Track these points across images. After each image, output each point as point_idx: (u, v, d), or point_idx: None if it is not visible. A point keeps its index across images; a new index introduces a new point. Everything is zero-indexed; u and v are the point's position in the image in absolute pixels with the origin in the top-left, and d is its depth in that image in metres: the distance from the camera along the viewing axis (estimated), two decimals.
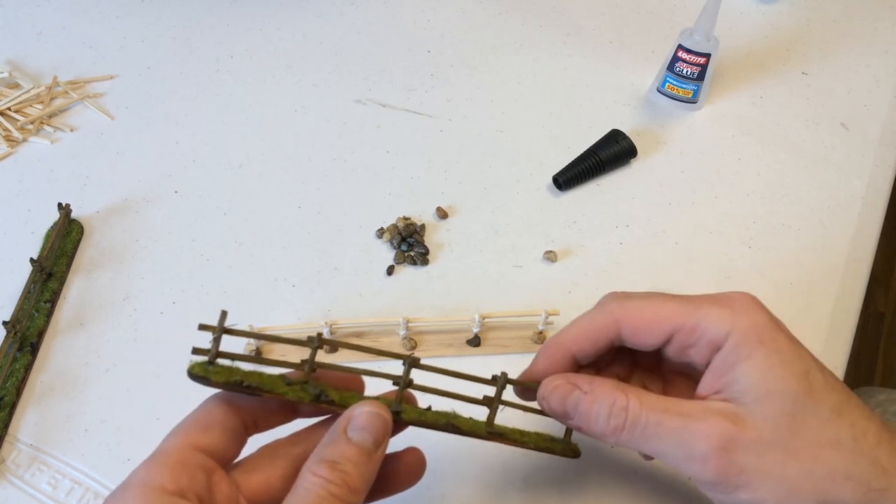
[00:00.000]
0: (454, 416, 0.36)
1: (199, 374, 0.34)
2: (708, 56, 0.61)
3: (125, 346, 0.47)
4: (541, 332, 0.48)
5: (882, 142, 0.64)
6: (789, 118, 0.65)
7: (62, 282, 0.50)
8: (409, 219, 0.54)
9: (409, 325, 0.47)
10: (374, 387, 0.35)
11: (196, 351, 0.33)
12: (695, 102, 0.64)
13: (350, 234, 0.54)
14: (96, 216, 0.54)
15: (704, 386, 0.33)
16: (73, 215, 0.53)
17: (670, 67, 0.63)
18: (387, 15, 0.73)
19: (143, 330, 0.48)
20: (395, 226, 0.54)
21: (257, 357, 0.33)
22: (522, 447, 0.37)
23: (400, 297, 0.50)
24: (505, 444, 0.36)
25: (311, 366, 0.33)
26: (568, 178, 0.57)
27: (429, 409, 0.36)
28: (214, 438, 0.32)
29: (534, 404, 0.37)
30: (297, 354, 0.47)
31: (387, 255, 0.53)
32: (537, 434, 0.37)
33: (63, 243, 0.51)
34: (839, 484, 0.30)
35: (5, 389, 0.44)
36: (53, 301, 0.48)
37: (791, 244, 0.55)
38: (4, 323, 0.45)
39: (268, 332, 0.35)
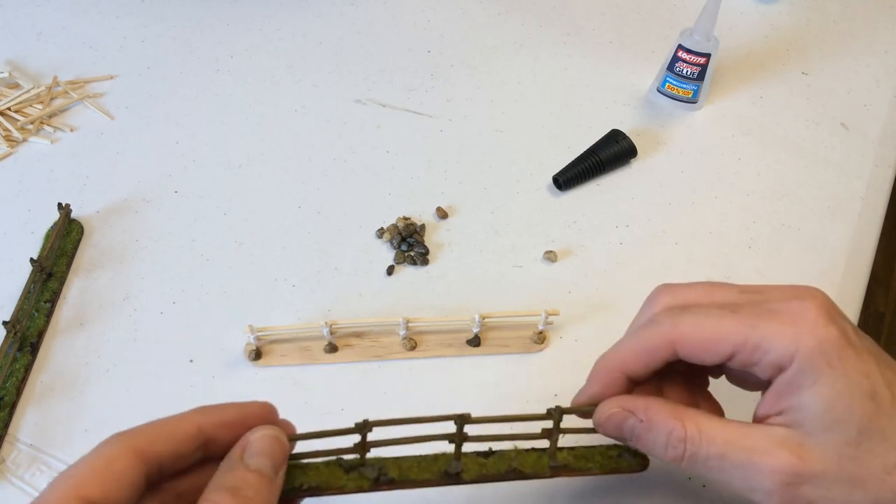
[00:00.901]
0: (514, 457, 0.35)
1: None
2: (708, 56, 0.61)
3: (125, 346, 0.47)
4: (541, 332, 0.48)
5: (882, 142, 0.64)
6: (789, 118, 0.65)
7: (62, 282, 0.50)
8: (409, 219, 0.54)
9: (409, 325, 0.47)
10: (429, 447, 0.34)
11: None
12: (695, 102, 0.64)
13: (350, 234, 0.54)
14: (96, 216, 0.54)
15: (765, 406, 0.32)
16: (73, 215, 0.53)
17: (670, 67, 0.63)
18: (387, 15, 0.73)
19: (143, 330, 0.48)
20: (395, 226, 0.54)
21: (302, 454, 0.33)
22: (589, 475, 0.36)
23: (400, 297, 0.50)
24: (570, 475, 0.36)
25: (363, 448, 0.33)
26: (568, 178, 0.57)
27: (489, 452, 0.35)
28: (111, 492, 0.27)
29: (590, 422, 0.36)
30: (299, 355, 0.47)
31: (387, 255, 0.53)
32: (601, 453, 0.36)
33: (63, 243, 0.51)
34: None
35: (5, 389, 0.44)
36: (53, 301, 0.48)
37: (791, 244, 0.55)
38: (4, 323, 0.45)
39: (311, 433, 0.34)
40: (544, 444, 0.36)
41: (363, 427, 0.32)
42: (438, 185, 0.58)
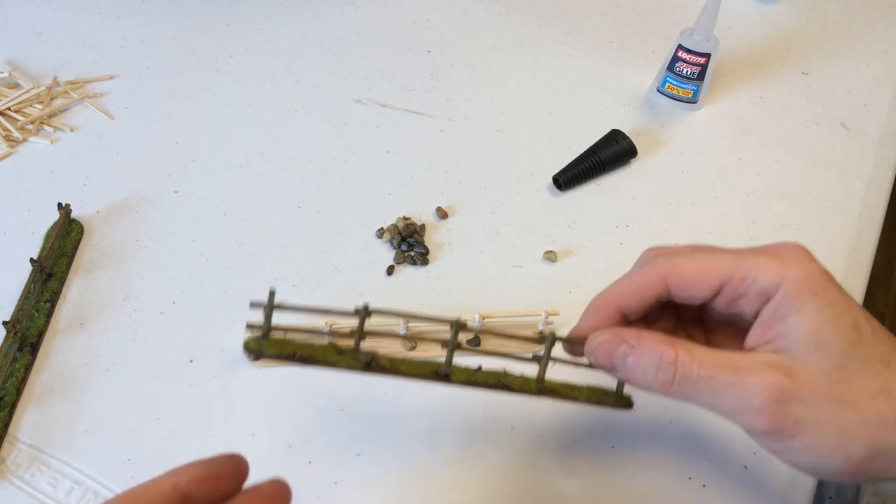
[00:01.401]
0: (504, 374, 0.37)
1: (254, 348, 0.35)
2: (708, 56, 0.61)
3: (125, 346, 0.47)
4: (541, 332, 0.48)
5: (882, 142, 0.64)
6: (789, 118, 0.65)
7: (62, 282, 0.50)
8: (409, 219, 0.54)
9: (409, 325, 0.46)
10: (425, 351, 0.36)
11: (250, 326, 0.34)
12: (695, 102, 0.64)
13: (350, 234, 0.54)
14: (96, 216, 0.54)
15: (753, 337, 0.33)
16: (73, 215, 0.53)
17: (670, 67, 0.63)
18: (387, 15, 0.73)
19: (143, 330, 0.48)
20: (395, 226, 0.54)
21: (309, 329, 0.34)
22: (573, 402, 0.38)
23: (400, 297, 0.50)
24: (556, 399, 0.37)
25: (360, 334, 0.34)
26: (568, 178, 0.57)
27: (479, 369, 0.36)
28: None
29: (584, 360, 0.37)
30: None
31: (387, 255, 0.53)
32: (588, 388, 0.38)
33: (63, 243, 0.51)
34: (890, 430, 0.31)
35: (5, 389, 0.44)
36: (53, 301, 0.48)
37: None
38: (4, 323, 0.45)
39: (315, 307, 0.35)
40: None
41: (363, 312, 0.33)
42: (438, 185, 0.58)
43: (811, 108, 0.66)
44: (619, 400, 0.38)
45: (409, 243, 0.52)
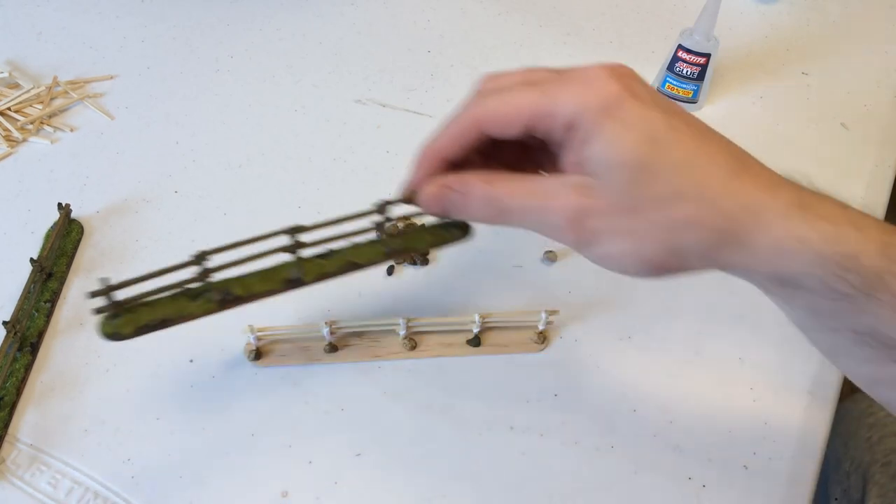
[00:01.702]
0: (352, 251, 0.40)
1: (110, 333, 0.36)
2: (708, 56, 0.61)
3: (125, 346, 0.47)
4: (541, 332, 0.48)
5: (882, 142, 0.64)
6: (789, 118, 0.65)
7: (62, 282, 0.50)
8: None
9: (409, 325, 0.47)
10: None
11: (98, 311, 0.35)
12: (695, 102, 0.64)
13: None
14: (96, 216, 0.54)
15: (566, 163, 0.36)
16: (73, 215, 0.53)
17: (670, 67, 0.63)
18: (387, 15, 0.73)
19: None
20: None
21: (148, 293, 0.36)
22: (420, 252, 0.42)
23: (400, 297, 0.50)
24: (405, 256, 0.42)
25: (204, 273, 0.36)
26: None
27: (328, 253, 0.39)
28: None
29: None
30: (299, 355, 0.47)
31: None
32: (429, 231, 0.41)
33: (63, 243, 0.51)
34: (681, 232, 0.33)
35: (5, 389, 0.44)
36: (53, 301, 0.48)
37: None
38: (4, 323, 0.45)
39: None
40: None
41: (200, 257, 0.35)
42: None
43: (811, 108, 0.66)
44: (459, 231, 0.41)
45: None
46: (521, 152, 0.40)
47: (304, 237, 0.38)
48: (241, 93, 0.64)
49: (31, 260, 0.49)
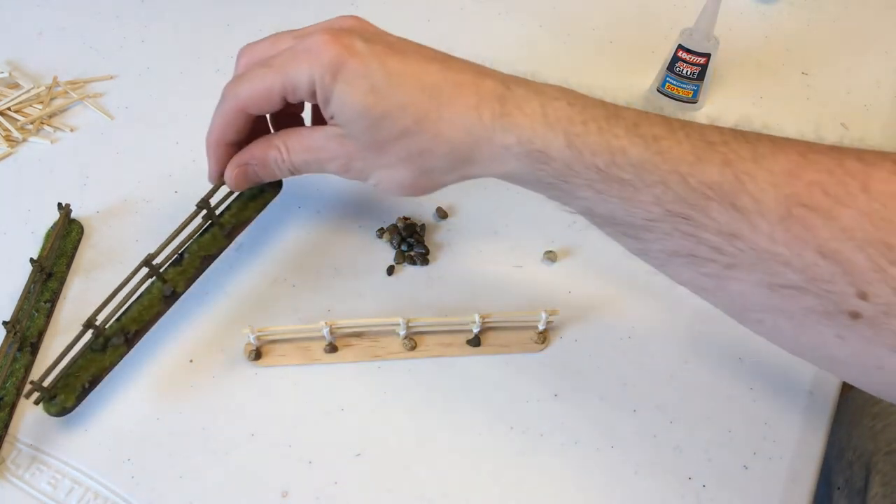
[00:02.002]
0: (198, 248, 0.47)
1: (57, 412, 0.42)
2: (708, 56, 0.61)
3: None
4: (541, 332, 0.48)
5: (882, 142, 0.64)
6: (789, 118, 0.65)
7: (62, 282, 0.50)
8: (409, 219, 0.54)
9: (410, 325, 0.47)
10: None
11: (35, 401, 0.41)
12: (695, 102, 0.64)
13: (350, 234, 0.54)
14: (96, 216, 0.54)
15: (325, 116, 0.42)
16: (73, 215, 0.53)
17: (670, 67, 0.63)
18: (387, 15, 0.73)
19: None
20: (395, 226, 0.54)
21: (56, 364, 0.41)
22: (251, 221, 0.49)
23: (400, 298, 0.50)
24: (240, 231, 0.49)
25: (97, 327, 0.43)
26: None
27: (180, 258, 0.46)
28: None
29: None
30: (299, 355, 0.47)
31: (387, 255, 0.53)
32: (250, 198, 0.49)
33: (63, 243, 0.51)
34: (420, 159, 0.41)
35: (5, 389, 0.44)
36: (53, 301, 0.48)
37: None
38: (4, 323, 0.45)
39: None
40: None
41: (90, 323, 0.42)
42: None
43: (811, 108, 0.66)
44: (272, 189, 0.50)
45: (409, 243, 0.52)
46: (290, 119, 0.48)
47: (160, 258, 0.45)
48: None
49: (31, 260, 0.49)
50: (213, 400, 0.45)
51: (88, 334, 0.42)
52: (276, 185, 0.50)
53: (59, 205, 0.53)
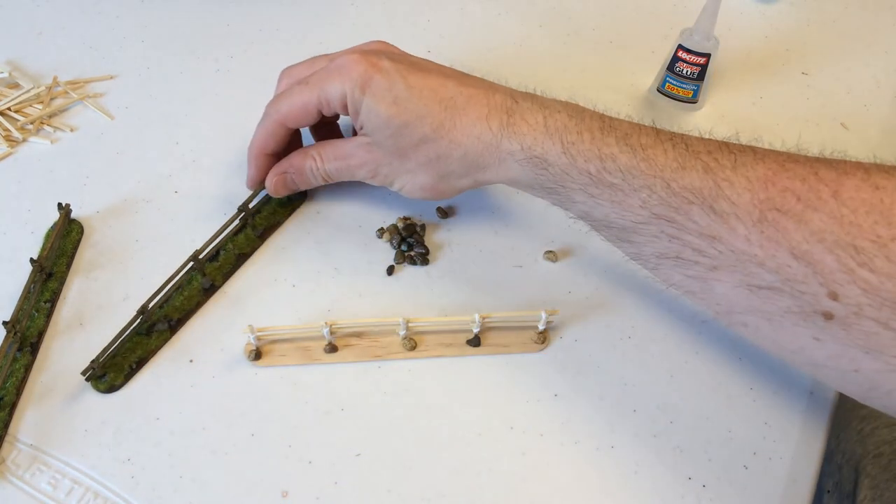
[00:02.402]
0: (234, 247, 0.52)
1: (106, 389, 0.44)
2: (708, 56, 0.61)
3: None
4: (541, 332, 0.48)
5: (882, 142, 0.64)
6: (789, 118, 0.65)
7: (62, 282, 0.50)
8: (409, 219, 0.54)
9: (409, 325, 0.47)
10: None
11: (87, 378, 0.44)
12: (695, 102, 0.64)
13: (350, 234, 0.54)
14: (96, 216, 0.54)
15: (357, 126, 0.47)
16: (73, 215, 0.53)
17: (670, 67, 0.63)
18: (387, 15, 0.73)
19: None
20: (395, 226, 0.54)
21: (108, 346, 0.44)
22: (281, 224, 0.54)
23: (400, 297, 0.50)
24: (272, 233, 0.53)
25: (144, 311, 0.46)
26: None
27: (216, 254, 0.51)
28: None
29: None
30: (299, 355, 0.47)
31: (387, 255, 0.53)
32: (277, 204, 0.54)
33: (63, 243, 0.51)
34: (437, 164, 0.46)
35: (5, 389, 0.44)
36: (53, 301, 0.48)
37: None
38: (4, 323, 0.45)
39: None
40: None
41: (143, 310, 0.46)
42: None
43: (811, 108, 0.66)
44: (298, 198, 0.55)
45: (409, 243, 0.52)
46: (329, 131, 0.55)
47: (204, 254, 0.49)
48: (241, 93, 0.64)
49: (31, 260, 0.49)
50: (213, 400, 0.45)
51: (138, 317, 0.46)
52: (303, 194, 0.55)
53: (59, 205, 0.53)
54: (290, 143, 0.51)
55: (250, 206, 0.52)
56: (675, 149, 0.40)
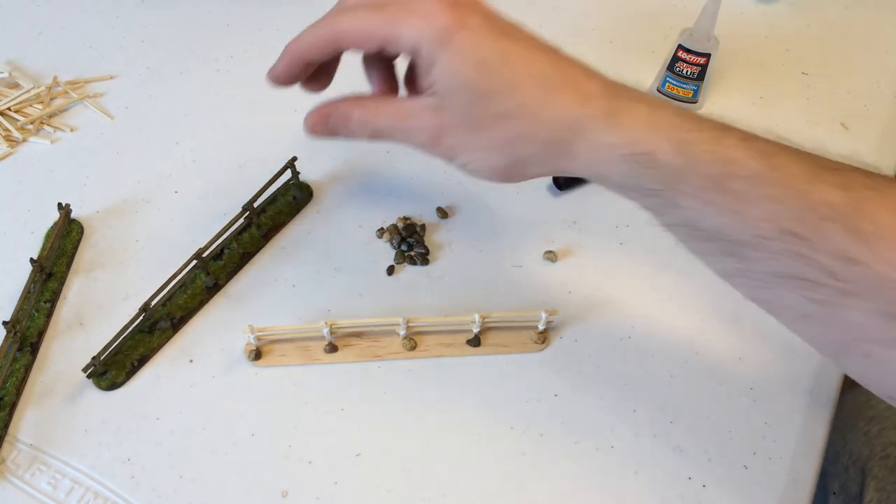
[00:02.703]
0: (237, 246, 0.51)
1: (108, 386, 0.44)
2: (708, 56, 0.61)
3: None
4: (541, 332, 0.48)
5: (882, 142, 0.64)
6: (789, 118, 0.65)
7: (62, 282, 0.50)
8: (409, 219, 0.54)
9: (410, 325, 0.47)
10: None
11: (88, 374, 0.44)
12: (695, 102, 0.64)
13: (350, 234, 0.54)
14: (96, 216, 0.54)
15: (423, 84, 0.40)
16: (73, 215, 0.53)
17: (670, 67, 0.63)
18: None
19: None
20: (395, 226, 0.54)
21: (111, 342, 0.44)
22: (284, 224, 0.53)
23: (400, 297, 0.50)
24: (277, 232, 0.53)
25: (147, 308, 0.46)
26: (568, 178, 0.57)
27: (221, 253, 0.51)
28: None
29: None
30: (299, 355, 0.47)
31: (387, 255, 0.53)
32: (281, 202, 0.54)
33: (63, 243, 0.51)
34: (517, 144, 0.39)
35: (5, 389, 0.44)
36: (53, 301, 0.49)
37: None
38: (4, 323, 0.45)
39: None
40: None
41: (146, 307, 0.46)
42: (438, 185, 0.57)
43: (811, 108, 0.66)
44: (302, 194, 0.55)
45: (409, 243, 0.52)
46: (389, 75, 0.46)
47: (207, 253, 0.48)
48: (241, 93, 0.64)
49: (31, 260, 0.49)
50: (213, 400, 0.45)
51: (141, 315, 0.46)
52: (308, 195, 0.55)
53: (59, 205, 0.53)
54: (329, 67, 0.45)
55: (255, 205, 0.52)
56: (803, 159, 0.35)
